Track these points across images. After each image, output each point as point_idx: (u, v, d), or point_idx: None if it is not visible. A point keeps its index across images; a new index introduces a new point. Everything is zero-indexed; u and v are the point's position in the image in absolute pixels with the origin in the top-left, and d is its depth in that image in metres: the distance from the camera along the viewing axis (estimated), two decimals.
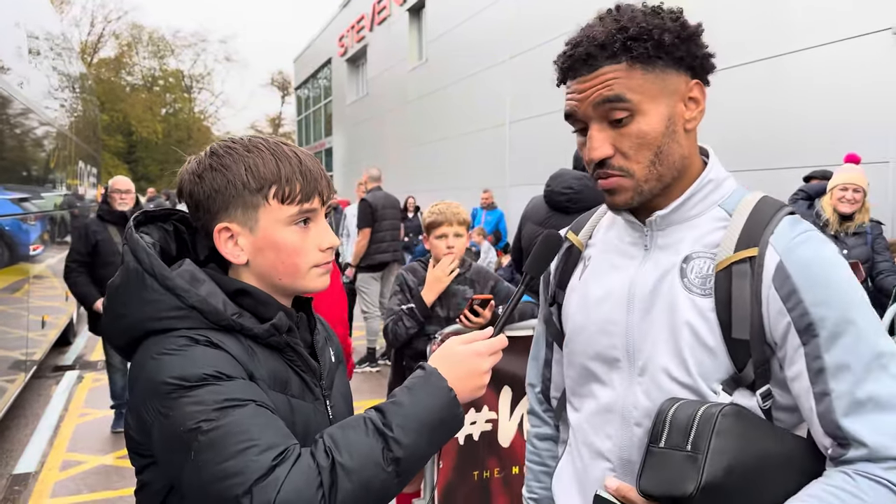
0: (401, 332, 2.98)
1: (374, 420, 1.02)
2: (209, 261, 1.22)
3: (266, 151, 1.14)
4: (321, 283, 1.20)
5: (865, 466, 1.00)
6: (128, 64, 45.93)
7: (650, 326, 1.15)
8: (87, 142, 10.01)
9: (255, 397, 1.02)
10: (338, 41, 25.64)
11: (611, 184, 1.14)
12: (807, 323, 1.03)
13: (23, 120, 5.77)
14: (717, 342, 1.09)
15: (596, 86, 1.10)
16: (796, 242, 1.07)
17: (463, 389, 1.10)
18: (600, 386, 1.24)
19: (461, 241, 3.04)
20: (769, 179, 6.79)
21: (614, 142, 1.12)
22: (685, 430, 1.03)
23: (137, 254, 1.09)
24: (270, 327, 1.12)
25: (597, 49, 1.09)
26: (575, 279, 1.32)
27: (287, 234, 1.14)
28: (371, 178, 7.25)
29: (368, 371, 7.07)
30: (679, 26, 1.11)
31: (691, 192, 1.16)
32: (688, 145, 1.16)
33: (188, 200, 1.17)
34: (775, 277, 1.06)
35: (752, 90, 7.36)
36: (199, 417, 0.96)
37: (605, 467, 1.21)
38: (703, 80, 1.16)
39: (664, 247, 1.18)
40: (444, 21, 16.51)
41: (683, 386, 1.11)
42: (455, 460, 2.95)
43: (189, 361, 1.01)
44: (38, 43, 6.70)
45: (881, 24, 6.09)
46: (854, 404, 1.01)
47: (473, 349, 1.14)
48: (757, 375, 1.09)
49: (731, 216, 1.14)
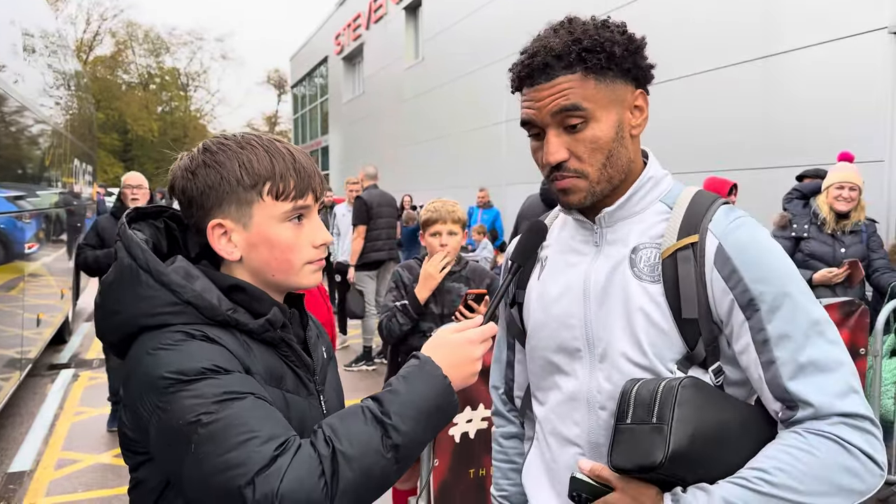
0: (394, 329, 2.99)
1: (372, 409, 1.03)
2: (200, 258, 1.22)
3: (259, 148, 1.14)
4: (314, 280, 1.21)
5: (813, 424, 1.09)
6: (123, 62, 45.82)
7: (607, 315, 1.23)
8: (82, 140, 9.98)
9: (253, 390, 1.02)
10: (334, 39, 25.61)
11: (566, 184, 1.22)
12: (748, 299, 1.12)
13: (18, 118, 5.75)
14: (669, 324, 1.17)
15: (553, 94, 1.17)
16: (732, 227, 1.17)
17: (457, 376, 1.13)
18: (563, 377, 1.31)
19: (455, 240, 3.05)
20: (764, 179, 6.81)
21: (569, 146, 1.20)
22: (649, 405, 1.09)
23: (131, 249, 1.08)
24: (265, 322, 1.12)
25: (554, 59, 1.17)
26: (534, 279, 1.39)
27: (281, 230, 1.15)
28: (368, 176, 7.26)
29: (365, 369, 7.07)
30: (627, 40, 1.20)
31: (634, 189, 1.25)
32: (633, 149, 1.25)
33: (180, 197, 1.16)
34: (716, 260, 1.15)
35: (748, 89, 7.37)
36: (198, 410, 0.96)
37: (574, 452, 1.28)
38: (645, 90, 1.25)
39: (613, 241, 1.26)
40: (440, 19, 16.50)
41: (641, 367, 1.19)
42: (451, 458, 2.95)
43: (186, 356, 1.01)
44: (34, 40, 6.68)
45: (876, 24, 6.11)
46: (798, 368, 1.10)
47: (466, 337, 1.17)
48: (708, 353, 1.17)
49: (672, 209, 1.23)
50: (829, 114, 6.48)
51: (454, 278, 3.09)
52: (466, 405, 2.97)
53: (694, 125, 8.06)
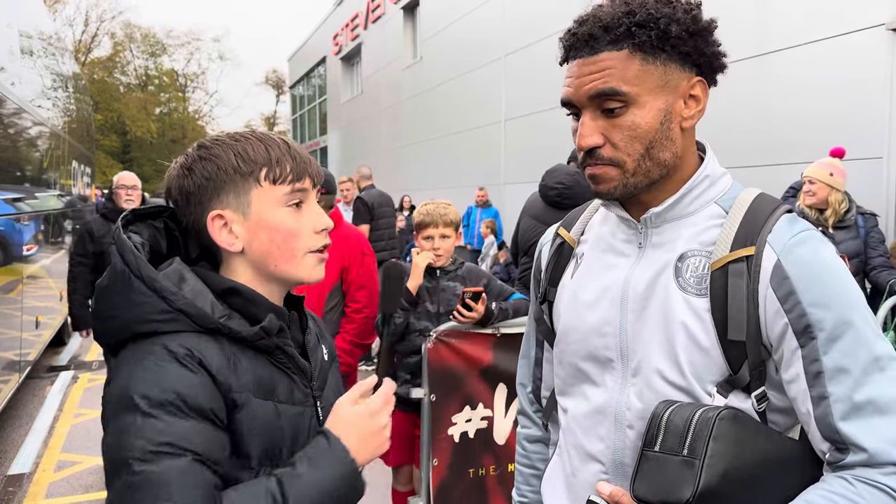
0: (389, 324, 3.00)
1: (273, 490, 1.02)
2: (200, 259, 1.21)
3: (253, 138, 1.15)
4: (316, 274, 1.18)
5: (864, 472, 0.99)
6: (121, 63, 45.79)
7: (644, 326, 1.13)
8: (80, 141, 9.97)
9: (198, 448, 0.99)
10: (332, 39, 25.59)
11: (596, 171, 1.11)
12: (805, 325, 1.01)
13: (15, 119, 5.74)
14: (713, 343, 1.07)
15: (593, 73, 1.07)
16: (794, 242, 1.05)
17: (366, 452, 1.12)
18: (592, 387, 1.21)
19: (448, 242, 3.07)
20: (761, 176, 6.81)
21: (605, 131, 1.09)
22: (681, 435, 1.00)
23: (124, 255, 1.07)
24: (259, 330, 1.10)
25: (600, 31, 1.06)
26: (567, 277, 1.29)
27: (281, 214, 1.14)
28: (363, 177, 7.28)
29: (364, 369, 7.07)
30: (690, 19, 1.07)
31: (687, 189, 1.13)
32: (682, 144, 1.12)
33: (177, 196, 1.15)
34: (773, 277, 1.04)
35: (745, 87, 7.37)
36: (133, 453, 0.96)
37: (596, 470, 1.19)
38: (707, 79, 1.13)
39: (658, 245, 1.15)
40: (438, 19, 16.49)
41: (677, 388, 1.09)
42: (450, 458, 2.95)
43: (157, 379, 1.00)
44: (31, 42, 6.67)
45: (874, 20, 6.10)
46: (852, 408, 0.99)
47: (369, 410, 1.14)
48: (752, 377, 1.06)
49: (728, 213, 1.11)
50: (827, 111, 6.48)
51: (450, 277, 3.10)
52: (466, 405, 2.97)
53: None
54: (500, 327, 3.00)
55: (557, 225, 1.38)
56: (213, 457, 1.01)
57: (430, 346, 2.88)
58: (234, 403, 1.06)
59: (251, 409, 1.07)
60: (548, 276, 1.33)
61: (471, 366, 2.96)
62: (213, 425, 1.02)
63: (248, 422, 1.07)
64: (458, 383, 2.94)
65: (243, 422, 1.06)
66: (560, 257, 1.32)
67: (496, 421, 3.04)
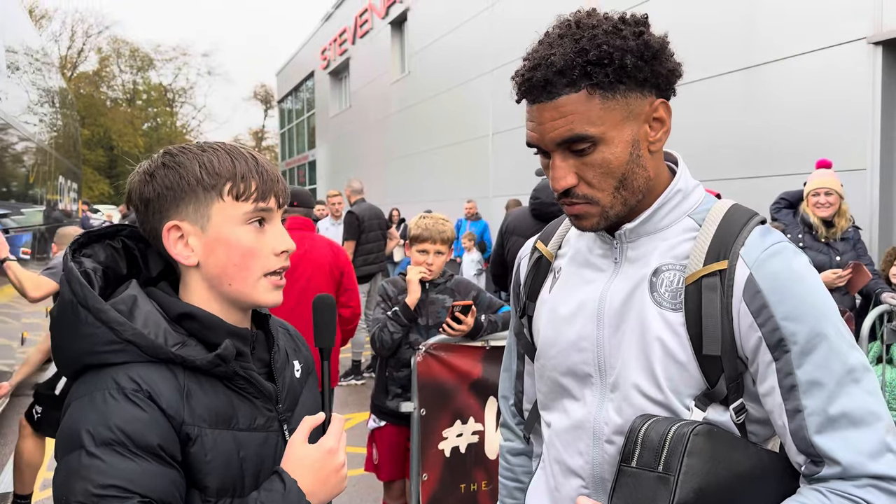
0: (386, 339, 3.00)
1: None
2: (164, 275, 1.17)
3: (221, 150, 1.11)
4: (273, 299, 1.13)
5: (839, 484, 0.99)
6: (108, 77, 45.67)
7: (621, 342, 1.13)
8: (67, 156, 9.91)
9: (146, 490, 0.96)
10: (320, 54, 25.66)
11: (577, 210, 1.12)
12: (778, 338, 1.01)
13: (1, 135, 5.71)
14: (689, 357, 1.07)
15: (555, 119, 1.06)
16: (767, 255, 1.05)
17: (322, 493, 1.09)
18: (572, 401, 1.21)
19: (441, 259, 3.09)
20: (747, 188, 6.86)
21: (578, 170, 1.09)
22: (657, 450, 1.00)
23: (72, 284, 1.03)
24: (215, 358, 1.05)
25: (555, 76, 1.05)
26: (545, 292, 1.29)
27: (241, 232, 1.09)
28: (354, 191, 7.29)
29: (354, 384, 7.03)
30: (642, 45, 1.05)
31: (660, 204, 1.14)
32: (653, 166, 1.13)
33: (137, 202, 1.11)
34: (745, 291, 1.04)
35: (730, 100, 7.45)
36: (76, 497, 0.94)
37: (577, 485, 1.20)
38: (667, 97, 1.12)
39: (634, 259, 1.15)
40: (426, 33, 16.58)
41: (655, 402, 1.09)
42: (441, 472, 2.94)
43: (104, 417, 0.97)
44: (17, 57, 6.64)
45: (857, 34, 6.20)
46: (827, 421, 1.00)
47: (325, 448, 1.10)
48: (730, 390, 1.07)
49: (701, 227, 1.11)
50: (812, 123, 6.56)
51: (439, 290, 3.11)
52: (457, 419, 2.96)
53: (677, 136, 8.10)
54: (490, 340, 3.00)
55: (535, 238, 1.38)
56: (163, 497, 0.97)
57: (419, 359, 2.87)
58: (188, 437, 1.02)
59: (206, 442, 1.04)
60: (526, 291, 1.33)
61: (461, 379, 2.95)
62: (163, 463, 0.99)
63: (203, 455, 1.03)
64: (448, 397, 2.94)
65: (198, 455, 1.03)
66: (538, 271, 1.32)
67: (487, 435, 3.03)
